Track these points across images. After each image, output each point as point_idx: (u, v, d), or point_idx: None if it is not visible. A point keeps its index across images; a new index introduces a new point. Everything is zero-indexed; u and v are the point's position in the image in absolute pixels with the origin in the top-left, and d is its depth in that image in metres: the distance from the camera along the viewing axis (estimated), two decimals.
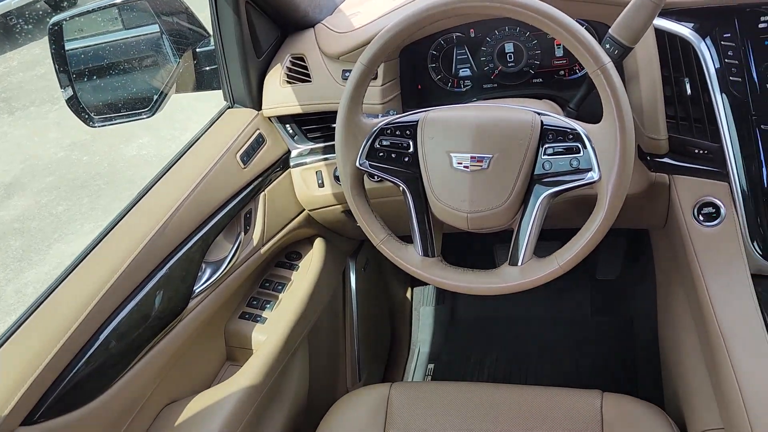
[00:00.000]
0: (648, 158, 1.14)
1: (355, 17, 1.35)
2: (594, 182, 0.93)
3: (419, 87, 1.38)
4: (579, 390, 1.11)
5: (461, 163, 0.99)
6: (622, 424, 1.04)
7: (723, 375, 0.94)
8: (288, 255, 1.48)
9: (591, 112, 1.01)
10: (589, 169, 0.93)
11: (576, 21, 0.89)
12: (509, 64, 1.30)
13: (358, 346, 1.68)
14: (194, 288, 1.14)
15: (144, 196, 1.12)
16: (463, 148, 0.99)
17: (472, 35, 1.30)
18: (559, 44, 1.24)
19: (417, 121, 1.04)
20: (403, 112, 1.08)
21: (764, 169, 1.01)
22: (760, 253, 1.05)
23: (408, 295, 2.09)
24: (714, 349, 0.98)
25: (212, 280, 1.17)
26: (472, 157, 0.98)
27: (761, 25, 0.99)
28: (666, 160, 1.12)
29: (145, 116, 1.32)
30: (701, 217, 1.08)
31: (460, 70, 1.34)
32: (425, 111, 1.04)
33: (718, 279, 1.04)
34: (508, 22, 1.25)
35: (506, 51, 1.29)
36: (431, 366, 1.91)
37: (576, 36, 0.88)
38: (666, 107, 1.08)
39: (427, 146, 1.02)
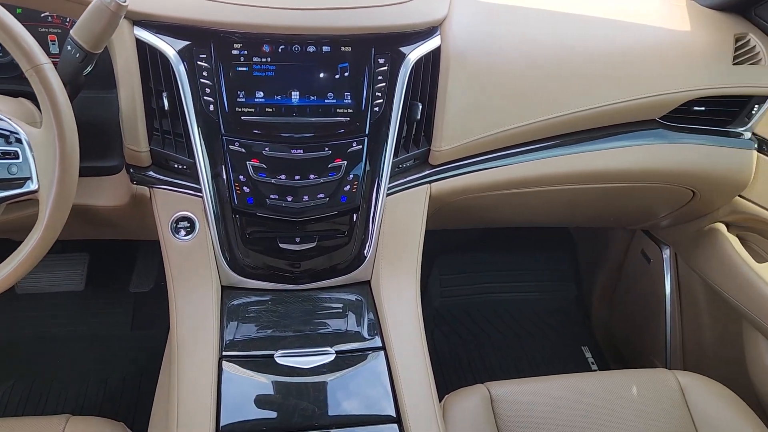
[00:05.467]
0: (131, 170, 1.11)
1: None
2: (33, 193, 0.85)
3: None
4: (46, 417, 1.02)
5: None
6: None
7: (171, 386, 0.96)
8: None
9: None
10: (29, 178, 0.85)
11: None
12: None
13: None
14: None
15: None
16: None
17: None
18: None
19: None
20: None
21: (233, 188, 1.08)
22: (228, 266, 1.11)
23: None
24: (171, 360, 0.99)
25: None
26: None
27: (234, 51, 1.05)
28: (150, 173, 1.11)
29: None
30: (179, 231, 1.10)
31: None
32: None
33: (187, 292, 1.07)
34: None
35: None
36: None
37: (7, 30, 0.80)
38: (153, 120, 1.08)
39: None
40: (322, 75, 1.08)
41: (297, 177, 1.08)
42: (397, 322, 1.07)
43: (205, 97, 1.05)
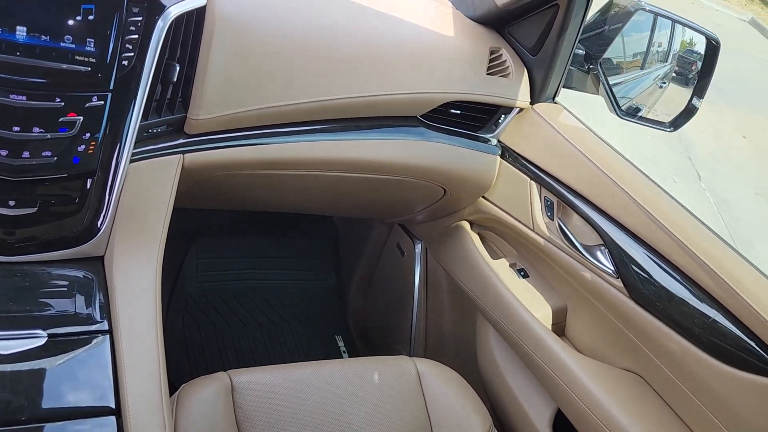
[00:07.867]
0: None
1: None
2: None
3: None
4: None
5: None
6: None
7: None
8: None
9: None
10: None
11: None
12: None
13: None
14: None
15: None
16: None
17: None
18: None
19: None
20: None
21: None
22: None
23: None
24: None
25: None
26: None
27: None
28: None
29: None
30: None
31: None
32: None
33: None
34: None
35: None
36: None
37: None
38: None
39: None
40: (59, 13, 0.92)
41: (16, 128, 0.91)
42: (130, 304, 0.95)
43: None
